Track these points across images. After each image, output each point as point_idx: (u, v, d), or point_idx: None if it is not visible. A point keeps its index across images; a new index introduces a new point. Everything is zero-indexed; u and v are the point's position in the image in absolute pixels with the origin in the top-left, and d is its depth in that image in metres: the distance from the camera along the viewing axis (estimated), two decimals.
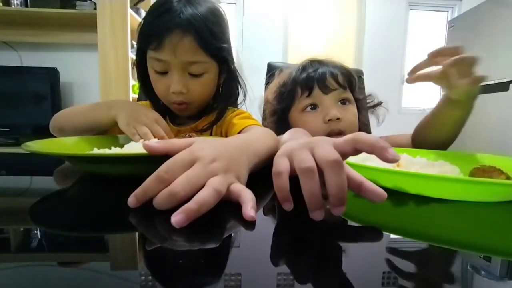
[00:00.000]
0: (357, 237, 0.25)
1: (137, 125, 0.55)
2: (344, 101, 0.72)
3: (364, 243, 0.24)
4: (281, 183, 0.27)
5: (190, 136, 0.51)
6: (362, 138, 0.27)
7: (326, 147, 0.27)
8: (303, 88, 0.72)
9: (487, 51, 1.93)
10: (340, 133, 0.69)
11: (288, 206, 0.27)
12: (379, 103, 0.82)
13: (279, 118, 0.78)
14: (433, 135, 0.63)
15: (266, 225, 0.27)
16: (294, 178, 0.27)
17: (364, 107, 0.81)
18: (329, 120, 0.68)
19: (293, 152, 0.28)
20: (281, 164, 0.28)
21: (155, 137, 0.54)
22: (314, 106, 0.72)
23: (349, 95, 0.73)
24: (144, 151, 0.32)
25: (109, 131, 0.64)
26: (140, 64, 0.65)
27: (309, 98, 0.71)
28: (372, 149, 0.26)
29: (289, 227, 0.27)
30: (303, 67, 0.75)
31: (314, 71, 0.72)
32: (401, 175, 0.36)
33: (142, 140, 0.52)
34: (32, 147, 0.40)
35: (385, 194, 0.26)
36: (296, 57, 0.90)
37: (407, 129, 0.74)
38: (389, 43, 3.15)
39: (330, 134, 0.69)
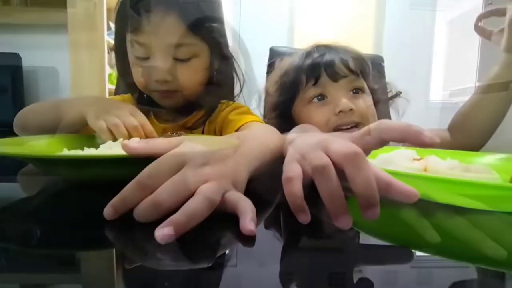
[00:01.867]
0: (378, 256, 0.25)
1: (107, 117, 0.53)
2: (356, 91, 0.71)
3: (386, 264, 0.24)
4: (292, 190, 0.27)
5: (178, 135, 0.51)
6: (389, 125, 0.27)
7: (342, 142, 0.27)
8: (308, 76, 0.72)
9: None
10: (355, 126, 0.69)
11: (304, 218, 0.26)
12: (398, 94, 0.82)
13: (282, 112, 0.78)
14: (480, 118, 0.69)
15: (268, 241, 0.27)
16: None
17: (382, 99, 0.80)
18: (339, 112, 0.68)
19: (304, 155, 0.28)
20: (291, 170, 0.28)
21: (128, 132, 0.52)
22: (321, 97, 0.71)
23: (362, 83, 0.73)
24: (123, 152, 0.32)
25: (82, 131, 0.64)
26: (119, 50, 0.65)
27: (315, 87, 0.71)
28: (404, 136, 0.26)
29: (295, 243, 0.27)
30: (308, 53, 0.75)
31: (320, 56, 0.72)
32: (428, 180, 0.36)
33: (122, 139, 0.52)
34: None
35: (417, 193, 0.25)
36: (303, 40, 0.90)
37: (436, 126, 0.74)
38: (414, 24, 3.15)
39: (341, 126, 0.69)
